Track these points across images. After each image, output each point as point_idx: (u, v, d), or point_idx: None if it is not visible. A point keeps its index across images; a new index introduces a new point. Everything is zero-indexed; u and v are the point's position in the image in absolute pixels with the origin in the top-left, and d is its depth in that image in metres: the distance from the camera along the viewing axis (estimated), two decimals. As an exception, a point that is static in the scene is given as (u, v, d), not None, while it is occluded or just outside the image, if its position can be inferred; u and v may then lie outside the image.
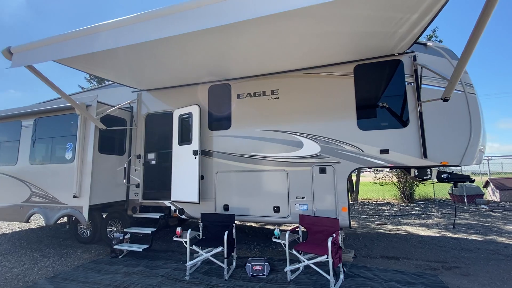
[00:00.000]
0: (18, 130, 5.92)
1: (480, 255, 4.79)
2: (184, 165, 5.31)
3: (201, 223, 4.71)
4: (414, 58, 4.38)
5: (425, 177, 4.87)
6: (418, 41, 4.22)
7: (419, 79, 4.29)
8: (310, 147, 4.74)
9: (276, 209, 4.79)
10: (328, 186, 4.55)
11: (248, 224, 7.74)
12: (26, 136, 5.81)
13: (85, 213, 4.84)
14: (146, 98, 6.11)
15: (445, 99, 3.69)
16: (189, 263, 4.12)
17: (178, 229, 4.41)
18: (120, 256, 4.96)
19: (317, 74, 4.87)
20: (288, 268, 3.86)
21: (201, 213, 4.83)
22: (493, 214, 8.82)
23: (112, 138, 5.71)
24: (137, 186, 5.82)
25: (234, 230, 4.45)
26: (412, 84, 4.36)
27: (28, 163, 5.71)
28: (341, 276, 3.77)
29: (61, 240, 6.42)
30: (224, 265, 4.00)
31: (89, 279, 4.00)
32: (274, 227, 6.62)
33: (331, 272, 3.46)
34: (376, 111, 4.50)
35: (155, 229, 5.15)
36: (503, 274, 3.92)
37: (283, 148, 4.89)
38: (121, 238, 5.14)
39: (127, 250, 5.03)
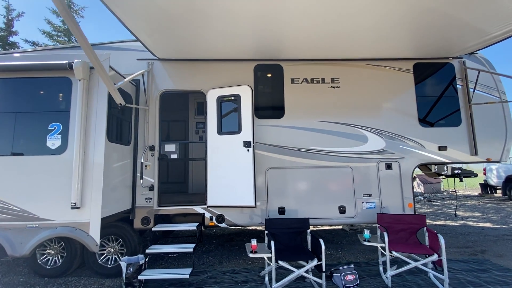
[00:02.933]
0: None
1: (489, 238, 5.67)
2: (228, 160, 4.20)
3: (266, 232, 3.79)
4: (464, 63, 4.79)
5: (442, 172, 5.43)
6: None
7: (474, 83, 4.68)
8: (375, 142, 4.52)
9: (342, 209, 4.35)
10: (395, 182, 4.44)
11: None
12: None
13: (96, 232, 3.15)
14: (160, 71, 4.56)
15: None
16: (277, 285, 3.21)
17: (254, 242, 3.40)
18: (140, 290, 3.46)
19: (379, 66, 4.71)
20: (390, 273, 3.51)
21: (266, 219, 3.90)
22: (434, 203, 10.88)
23: (116, 122, 3.97)
24: (150, 188, 4.25)
25: (309, 237, 3.77)
26: (463, 86, 4.75)
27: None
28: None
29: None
30: (323, 281, 3.30)
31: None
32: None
33: (445, 271, 3.31)
34: (434, 109, 4.69)
35: (194, 244, 3.84)
36: (523, 252, 4.72)
37: (346, 142, 4.50)
38: (141, 262, 3.61)
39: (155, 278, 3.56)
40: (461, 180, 5.82)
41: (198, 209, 4.29)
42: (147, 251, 3.72)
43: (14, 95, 3.41)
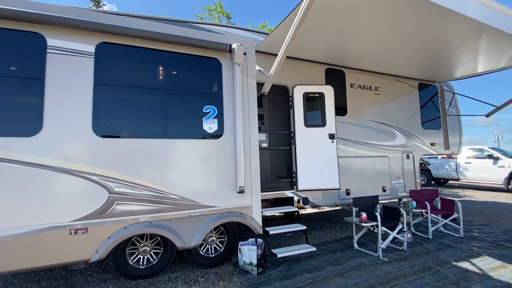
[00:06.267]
0: (37, 55, 2.52)
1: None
2: (316, 149, 4.83)
3: (354, 207, 4.68)
4: (442, 86, 6.96)
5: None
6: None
7: (449, 102, 6.88)
8: (400, 138, 6.08)
9: (384, 189, 5.70)
10: (411, 168, 6.13)
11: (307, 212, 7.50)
12: (74, 75, 2.63)
13: (258, 215, 3.29)
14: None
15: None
16: (383, 245, 4.20)
17: (364, 214, 4.24)
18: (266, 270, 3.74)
19: (401, 82, 6.29)
20: (431, 229, 5.04)
21: (354, 198, 4.75)
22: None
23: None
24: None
25: (380, 209, 4.92)
26: (441, 102, 6.91)
27: (92, 133, 2.66)
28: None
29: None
30: (404, 238, 4.50)
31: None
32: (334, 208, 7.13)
33: (461, 223, 5.08)
34: (428, 116, 6.65)
35: (301, 224, 4.32)
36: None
37: (385, 137, 5.87)
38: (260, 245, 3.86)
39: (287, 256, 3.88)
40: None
41: (289, 193, 4.73)
42: (271, 232, 3.95)
43: (164, 70, 3.01)
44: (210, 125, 3.17)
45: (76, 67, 2.68)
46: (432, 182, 13.13)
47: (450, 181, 12.97)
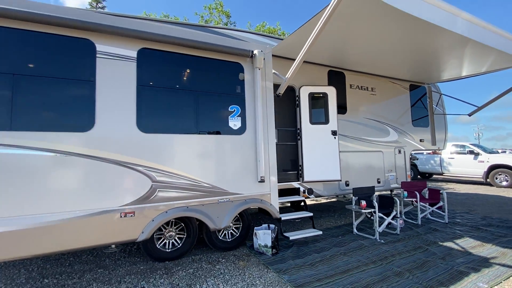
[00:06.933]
0: (89, 60, 2.84)
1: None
2: (320, 145, 5.31)
3: (353, 196, 5.22)
4: (430, 87, 7.60)
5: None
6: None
7: (436, 102, 7.54)
8: (393, 135, 6.67)
9: (378, 180, 6.28)
10: (402, 162, 6.74)
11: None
12: (120, 77, 2.96)
13: (275, 201, 3.74)
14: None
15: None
16: (380, 228, 4.76)
17: (364, 202, 4.78)
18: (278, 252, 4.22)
19: (394, 83, 6.86)
20: (420, 215, 5.66)
21: (353, 188, 5.28)
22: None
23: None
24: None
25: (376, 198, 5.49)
26: (429, 102, 7.55)
27: (136, 128, 3.01)
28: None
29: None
30: (397, 223, 5.08)
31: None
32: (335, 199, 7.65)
33: (446, 210, 5.73)
34: (417, 115, 7.27)
35: (308, 212, 4.82)
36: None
37: (379, 134, 6.43)
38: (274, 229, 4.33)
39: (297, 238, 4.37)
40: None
41: (295, 184, 5.21)
42: (283, 218, 4.42)
43: (196, 73, 3.38)
44: (234, 123, 3.57)
45: (121, 70, 3.00)
46: (418, 176, 13.98)
47: (434, 175, 13.89)
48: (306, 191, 5.30)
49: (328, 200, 8.75)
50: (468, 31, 3.57)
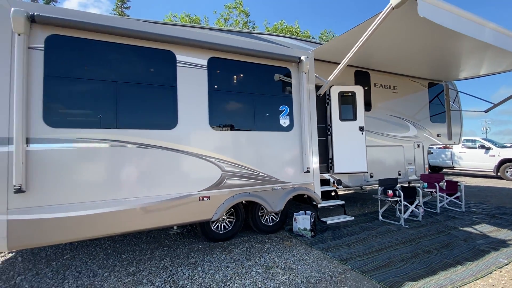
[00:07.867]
0: (171, 69, 3.37)
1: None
2: (349, 139, 5.82)
3: (379, 187, 5.74)
4: (447, 85, 8.00)
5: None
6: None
7: (453, 99, 7.95)
8: (413, 130, 7.13)
9: (399, 173, 6.79)
10: (420, 156, 7.21)
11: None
12: (195, 83, 3.49)
13: (318, 189, 4.28)
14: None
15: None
16: (405, 215, 5.29)
17: (390, 192, 5.30)
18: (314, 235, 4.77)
19: (413, 81, 7.29)
20: (439, 205, 6.17)
21: (379, 179, 5.80)
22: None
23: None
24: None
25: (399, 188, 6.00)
26: (446, 99, 7.97)
27: (208, 126, 3.55)
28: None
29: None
30: (420, 211, 5.60)
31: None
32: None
33: (463, 200, 6.23)
34: (436, 111, 7.70)
35: (340, 200, 5.37)
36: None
37: (400, 129, 6.90)
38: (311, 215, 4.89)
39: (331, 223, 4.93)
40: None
41: (326, 176, 5.74)
42: (320, 205, 4.98)
43: (254, 78, 3.90)
44: (284, 121, 4.09)
45: (196, 77, 3.52)
46: (429, 170, 14.42)
47: (444, 169, 14.31)
48: (335, 182, 5.83)
49: (347, 192, 9.29)
50: (494, 39, 3.99)
